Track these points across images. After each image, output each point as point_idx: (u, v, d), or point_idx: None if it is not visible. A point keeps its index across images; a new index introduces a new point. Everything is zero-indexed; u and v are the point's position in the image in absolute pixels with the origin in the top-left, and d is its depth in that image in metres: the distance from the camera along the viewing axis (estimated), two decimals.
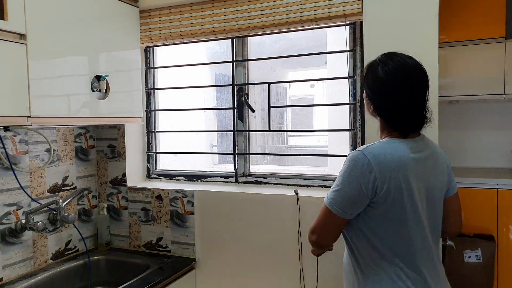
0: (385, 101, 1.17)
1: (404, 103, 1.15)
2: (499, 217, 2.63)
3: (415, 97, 1.15)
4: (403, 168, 1.11)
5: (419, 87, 1.16)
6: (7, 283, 1.76)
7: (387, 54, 1.20)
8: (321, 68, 2.37)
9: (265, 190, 2.00)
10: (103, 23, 1.93)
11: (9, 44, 1.47)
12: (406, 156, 1.13)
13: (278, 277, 1.91)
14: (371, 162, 1.09)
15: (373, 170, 1.09)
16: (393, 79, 1.15)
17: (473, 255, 2.55)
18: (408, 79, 1.15)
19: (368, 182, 1.09)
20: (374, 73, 1.18)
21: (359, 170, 1.10)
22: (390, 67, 1.15)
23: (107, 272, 2.10)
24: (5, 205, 1.79)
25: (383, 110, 1.19)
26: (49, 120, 1.67)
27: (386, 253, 1.13)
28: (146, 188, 2.18)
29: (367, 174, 1.09)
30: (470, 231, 2.68)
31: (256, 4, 1.93)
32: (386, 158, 1.10)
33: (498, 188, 2.63)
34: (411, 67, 1.16)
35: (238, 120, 2.16)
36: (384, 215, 1.12)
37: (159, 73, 2.38)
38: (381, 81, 1.16)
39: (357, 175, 1.10)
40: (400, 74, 1.15)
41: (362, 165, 1.10)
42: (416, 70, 1.16)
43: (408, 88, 1.14)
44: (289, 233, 1.87)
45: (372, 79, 1.19)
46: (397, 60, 1.16)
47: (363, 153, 1.11)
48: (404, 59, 1.17)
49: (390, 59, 1.17)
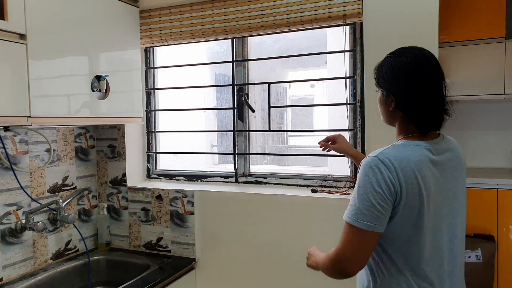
0: (408, 91, 1.10)
1: (428, 91, 1.10)
2: (499, 217, 2.63)
3: (437, 86, 1.12)
4: (420, 172, 1.05)
5: (440, 75, 1.13)
6: (7, 283, 1.76)
7: (398, 49, 1.17)
8: (321, 68, 2.37)
9: (265, 190, 2.00)
10: (103, 23, 1.93)
11: (9, 44, 1.47)
12: (423, 160, 1.07)
13: (278, 277, 1.91)
14: (388, 167, 1.03)
15: (391, 175, 1.03)
16: (414, 66, 1.10)
17: (473, 255, 2.55)
18: (429, 66, 1.12)
19: (388, 188, 1.02)
20: (392, 67, 1.13)
21: (379, 176, 1.03)
22: (409, 56, 1.11)
23: (107, 272, 2.10)
24: (5, 205, 1.79)
25: (407, 102, 1.11)
26: (49, 120, 1.67)
27: (398, 259, 1.09)
28: (146, 188, 2.18)
29: (386, 180, 1.02)
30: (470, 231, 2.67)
31: (256, 4, 1.93)
32: (403, 162, 1.04)
33: (498, 188, 2.63)
34: (429, 55, 1.13)
35: (238, 120, 2.16)
36: (399, 221, 1.06)
37: (159, 73, 2.38)
38: (403, 70, 1.11)
39: (377, 182, 1.02)
40: (420, 61, 1.11)
41: (380, 171, 1.03)
42: (433, 58, 1.14)
43: (430, 76, 1.11)
44: (289, 233, 1.87)
45: (391, 73, 1.13)
46: (413, 51, 1.13)
47: (379, 158, 1.04)
48: (420, 49, 1.14)
49: (405, 51, 1.14)
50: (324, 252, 1.17)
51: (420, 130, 1.12)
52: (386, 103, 1.16)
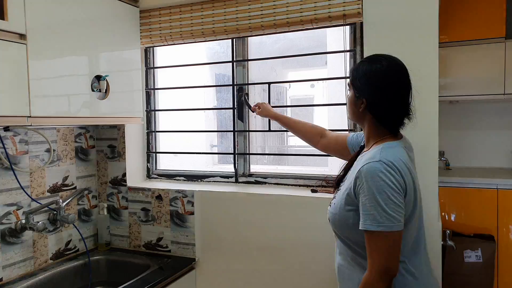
0: (381, 96, 1.19)
1: (399, 97, 1.20)
2: (499, 217, 2.63)
3: (406, 93, 1.21)
4: (410, 169, 1.15)
5: (409, 84, 1.22)
6: (7, 283, 1.76)
7: (373, 56, 1.27)
8: (321, 68, 2.37)
9: (265, 190, 2.00)
10: (103, 23, 1.93)
11: (9, 44, 1.47)
12: (407, 158, 1.18)
13: (278, 277, 1.91)
14: (393, 168, 1.10)
15: (397, 175, 1.10)
16: (389, 75, 1.19)
17: (473, 255, 2.55)
18: (402, 75, 1.21)
19: (401, 186, 1.10)
20: (368, 72, 1.21)
21: (391, 178, 1.09)
22: (385, 64, 1.20)
23: (107, 272, 2.10)
24: (5, 205, 1.79)
25: (378, 105, 1.20)
26: (49, 120, 1.67)
27: None
28: (146, 188, 2.18)
29: (398, 179, 1.10)
30: (470, 231, 2.68)
31: (256, 4, 1.93)
32: (399, 162, 1.12)
33: (498, 188, 2.63)
34: (402, 65, 1.22)
35: (238, 120, 2.16)
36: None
37: (159, 73, 2.38)
38: (378, 76, 1.20)
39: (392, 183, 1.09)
40: (395, 70, 1.21)
41: (390, 173, 1.09)
42: (404, 68, 1.22)
43: (402, 84, 1.21)
44: (289, 233, 1.87)
45: (367, 76, 1.21)
46: (389, 59, 1.22)
47: (384, 162, 1.10)
48: (393, 58, 1.24)
49: (380, 58, 1.23)
50: None
51: (391, 131, 1.23)
52: (356, 104, 1.25)
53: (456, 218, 2.74)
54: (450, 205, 2.76)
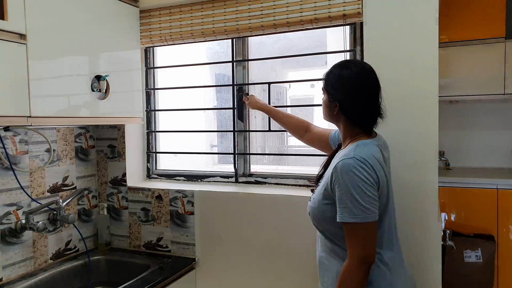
0: (353, 100, 1.28)
1: (369, 100, 1.28)
2: (499, 217, 2.63)
3: (376, 95, 1.30)
4: (382, 165, 1.23)
5: (378, 86, 1.31)
6: (7, 283, 1.76)
7: (343, 62, 1.37)
8: (321, 68, 2.37)
9: (265, 190, 2.00)
10: (103, 23, 1.93)
11: (9, 44, 1.47)
12: (380, 155, 1.25)
13: (278, 277, 1.91)
14: (366, 164, 1.17)
15: (370, 170, 1.18)
16: (359, 79, 1.28)
17: (473, 255, 2.55)
18: (370, 79, 1.30)
19: (374, 181, 1.18)
20: (340, 77, 1.29)
21: (364, 173, 1.17)
22: (354, 70, 1.29)
23: (107, 272, 2.10)
24: (5, 205, 1.79)
25: (351, 109, 1.28)
26: (49, 120, 1.67)
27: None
28: (146, 188, 2.18)
29: (371, 174, 1.17)
30: (470, 231, 2.68)
31: (256, 4, 1.93)
32: (372, 158, 1.20)
33: (498, 188, 2.63)
34: (370, 69, 1.31)
35: (238, 120, 2.16)
36: None
37: (159, 73, 2.38)
38: (349, 82, 1.28)
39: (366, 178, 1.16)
40: (364, 75, 1.29)
41: (363, 168, 1.17)
42: (373, 72, 1.31)
43: (371, 87, 1.29)
44: (289, 233, 1.87)
45: (339, 82, 1.30)
46: (358, 65, 1.33)
47: (356, 159, 1.18)
48: (363, 63, 1.36)
49: (350, 64, 1.32)
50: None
51: (365, 130, 1.30)
52: (331, 107, 1.33)
53: (456, 218, 2.74)
54: (450, 205, 2.76)
